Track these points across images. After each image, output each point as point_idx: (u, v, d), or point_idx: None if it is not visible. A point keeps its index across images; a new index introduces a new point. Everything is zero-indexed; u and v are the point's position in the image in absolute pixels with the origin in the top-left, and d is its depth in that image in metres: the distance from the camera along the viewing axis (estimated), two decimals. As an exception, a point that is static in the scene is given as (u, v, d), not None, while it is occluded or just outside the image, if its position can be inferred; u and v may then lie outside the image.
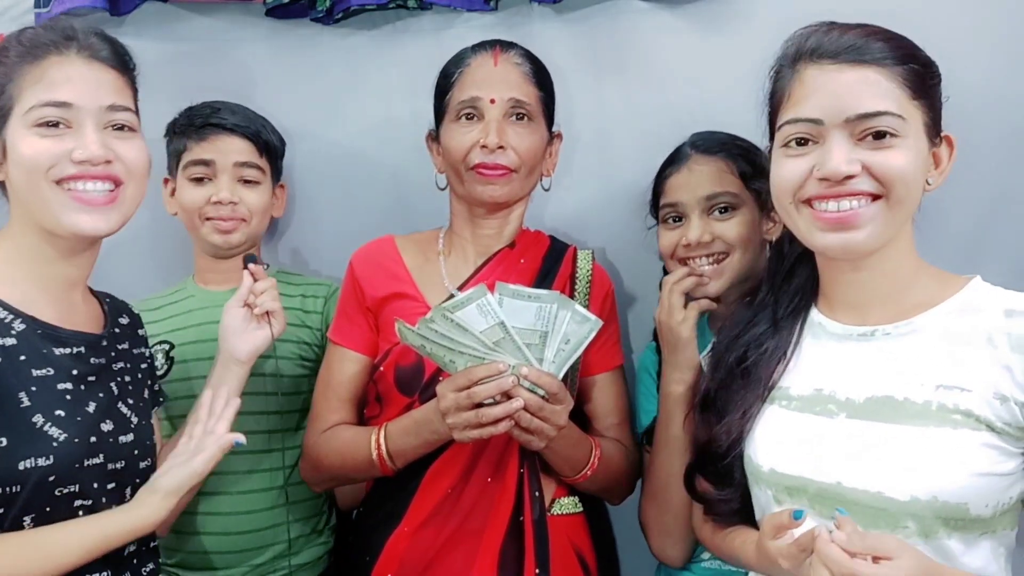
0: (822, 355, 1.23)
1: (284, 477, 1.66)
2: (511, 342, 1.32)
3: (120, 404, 1.28)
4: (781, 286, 1.31)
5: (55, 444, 1.15)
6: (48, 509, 1.15)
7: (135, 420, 1.29)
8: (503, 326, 1.31)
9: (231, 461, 1.62)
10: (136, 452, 1.27)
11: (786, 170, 1.17)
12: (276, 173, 1.78)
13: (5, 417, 1.14)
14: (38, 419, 1.15)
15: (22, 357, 1.18)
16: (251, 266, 1.53)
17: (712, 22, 1.72)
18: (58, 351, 1.22)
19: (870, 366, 1.16)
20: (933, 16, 1.57)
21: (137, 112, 1.31)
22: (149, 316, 1.72)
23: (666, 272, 1.59)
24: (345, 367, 1.55)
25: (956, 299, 1.16)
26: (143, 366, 1.40)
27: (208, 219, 1.68)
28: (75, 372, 1.22)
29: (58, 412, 1.17)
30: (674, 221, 1.54)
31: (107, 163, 1.23)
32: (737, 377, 1.28)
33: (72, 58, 1.23)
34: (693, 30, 1.74)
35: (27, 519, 1.14)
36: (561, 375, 1.35)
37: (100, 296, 1.39)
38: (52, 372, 1.20)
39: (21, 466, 1.13)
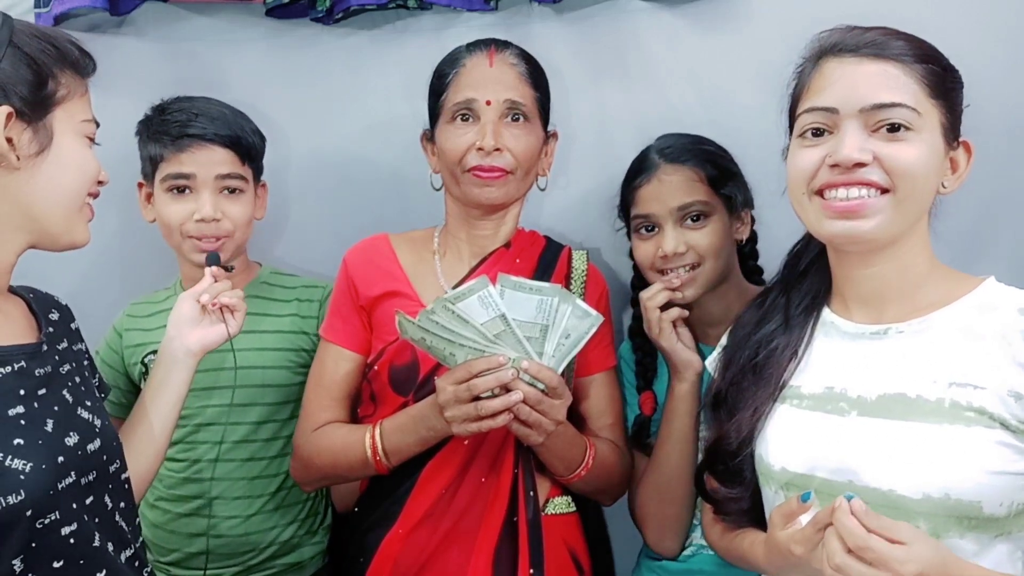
0: (834, 354, 1.21)
1: (279, 483, 1.66)
2: (511, 335, 1.31)
3: (80, 410, 1.15)
4: (794, 286, 1.30)
5: (22, 477, 1.02)
6: (34, 545, 1.04)
7: (99, 423, 1.17)
8: (504, 318, 1.30)
9: (227, 467, 1.63)
10: (105, 458, 1.16)
11: (801, 159, 1.17)
12: (257, 174, 1.69)
13: None
14: None
15: None
16: (213, 268, 1.46)
17: (712, 22, 1.73)
18: None
19: (882, 364, 1.15)
20: (933, 15, 1.57)
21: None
22: (138, 323, 1.71)
23: (636, 274, 1.62)
24: (339, 365, 1.53)
25: (970, 298, 1.15)
26: (85, 362, 1.26)
27: (189, 236, 1.60)
28: (23, 392, 1.08)
29: (16, 441, 1.04)
30: (647, 231, 1.54)
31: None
32: (748, 374, 1.27)
33: None
34: (693, 30, 1.74)
35: (16, 562, 1.03)
36: (560, 369, 1.34)
37: (21, 293, 1.21)
38: None
39: None
